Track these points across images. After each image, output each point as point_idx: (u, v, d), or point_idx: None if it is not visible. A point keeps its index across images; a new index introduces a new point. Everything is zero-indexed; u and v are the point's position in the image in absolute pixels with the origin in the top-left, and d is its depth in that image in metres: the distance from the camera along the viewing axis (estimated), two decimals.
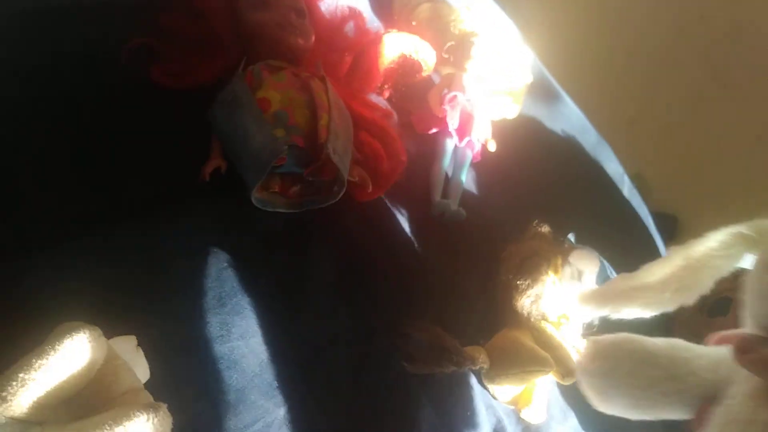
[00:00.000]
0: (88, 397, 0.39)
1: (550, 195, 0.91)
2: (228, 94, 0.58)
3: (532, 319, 0.72)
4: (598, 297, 0.57)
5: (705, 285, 0.50)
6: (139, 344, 0.45)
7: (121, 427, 0.36)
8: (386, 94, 0.78)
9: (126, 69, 0.55)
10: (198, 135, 0.58)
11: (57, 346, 0.38)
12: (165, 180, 0.55)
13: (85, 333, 0.39)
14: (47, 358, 0.37)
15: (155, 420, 0.38)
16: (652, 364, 0.52)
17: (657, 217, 1.21)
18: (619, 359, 0.54)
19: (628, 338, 0.56)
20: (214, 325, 0.52)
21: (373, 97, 0.75)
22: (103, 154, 0.54)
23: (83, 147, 0.54)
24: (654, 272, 0.53)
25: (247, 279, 0.56)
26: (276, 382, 0.54)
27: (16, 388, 0.35)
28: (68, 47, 0.57)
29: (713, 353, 0.52)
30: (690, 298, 0.50)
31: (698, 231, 0.51)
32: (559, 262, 0.74)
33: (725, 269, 0.49)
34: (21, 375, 0.36)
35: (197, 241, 0.54)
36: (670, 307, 0.51)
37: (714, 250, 0.49)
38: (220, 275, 0.54)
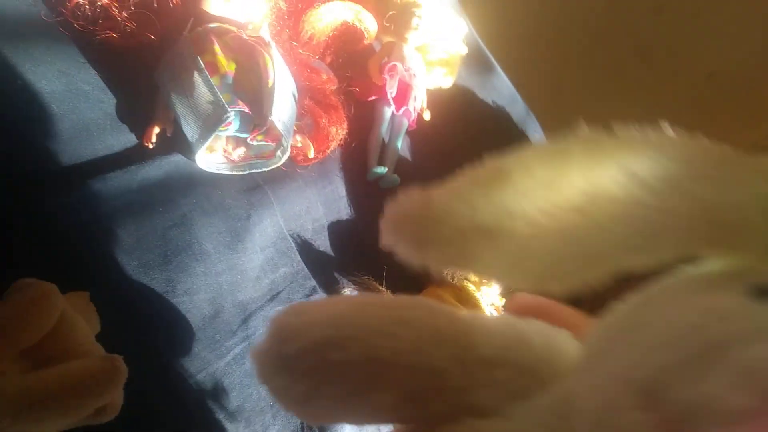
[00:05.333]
0: (46, 348, 0.41)
1: (479, 162, 0.96)
2: (175, 56, 0.59)
3: (455, 280, 0.78)
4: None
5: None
6: (90, 300, 0.47)
7: (78, 377, 0.39)
8: (328, 59, 0.80)
9: (72, 26, 0.55)
10: (144, 96, 0.59)
11: (15, 300, 0.40)
12: (111, 140, 0.56)
13: (41, 288, 0.41)
14: (5, 312, 0.39)
15: (111, 371, 0.41)
16: None
17: None
18: None
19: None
20: (159, 281, 0.55)
21: (316, 63, 0.77)
22: (47, 112, 0.54)
23: (25, 104, 0.54)
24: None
25: (192, 238, 0.58)
26: (218, 335, 0.58)
27: None
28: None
29: None
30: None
31: None
32: None
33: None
34: None
35: (143, 200, 0.56)
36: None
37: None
38: (166, 234, 0.56)
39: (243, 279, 0.61)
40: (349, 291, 0.70)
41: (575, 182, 0.34)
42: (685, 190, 0.31)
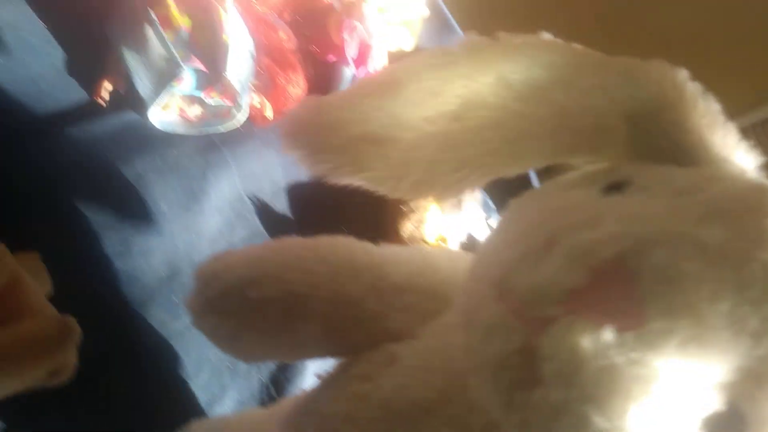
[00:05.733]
0: None
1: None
2: (126, 7, 0.57)
3: (414, 242, 0.79)
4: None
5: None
6: (41, 260, 0.46)
7: (31, 338, 0.38)
8: (286, 17, 0.78)
9: None
10: (94, 49, 0.56)
11: None
12: (61, 96, 0.54)
13: None
14: None
15: (64, 331, 0.40)
16: None
17: None
18: None
19: None
20: (114, 241, 0.54)
21: (274, 20, 0.75)
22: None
23: None
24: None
25: (148, 199, 0.57)
26: (174, 297, 0.57)
27: None
28: None
29: None
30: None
31: None
32: None
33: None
34: None
35: (98, 159, 0.54)
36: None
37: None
38: (121, 194, 0.55)
39: (199, 240, 0.60)
40: None
41: (457, 90, 0.34)
42: (547, 97, 0.33)
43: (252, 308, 0.39)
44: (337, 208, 0.77)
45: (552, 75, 0.33)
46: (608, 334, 0.21)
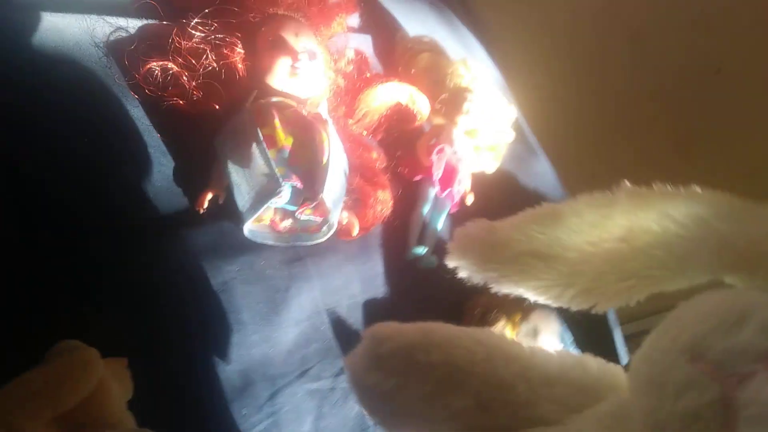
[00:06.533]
0: (78, 415, 0.41)
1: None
2: (236, 126, 0.61)
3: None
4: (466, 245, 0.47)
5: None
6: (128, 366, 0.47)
7: None
8: (379, 136, 0.81)
9: (142, 90, 0.57)
10: (202, 162, 0.60)
11: (57, 364, 0.40)
12: (165, 202, 0.57)
13: (84, 354, 0.41)
14: (46, 375, 0.39)
15: None
16: None
17: None
18: None
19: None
20: (196, 348, 0.55)
21: (368, 140, 0.78)
22: (112, 172, 0.56)
23: (92, 164, 0.55)
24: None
25: (231, 307, 0.58)
26: (245, 410, 0.57)
27: (13, 404, 0.37)
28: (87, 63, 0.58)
29: None
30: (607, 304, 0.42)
31: None
32: (518, 318, 0.79)
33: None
34: (19, 390, 0.38)
35: (189, 264, 0.56)
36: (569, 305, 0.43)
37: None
38: (206, 301, 0.56)
39: (275, 352, 0.61)
40: None
41: (619, 221, 0.40)
42: (710, 227, 0.38)
43: (415, 371, 0.41)
44: (411, 321, 0.77)
45: (715, 210, 0.38)
46: None
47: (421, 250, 0.79)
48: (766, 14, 1.08)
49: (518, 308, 0.80)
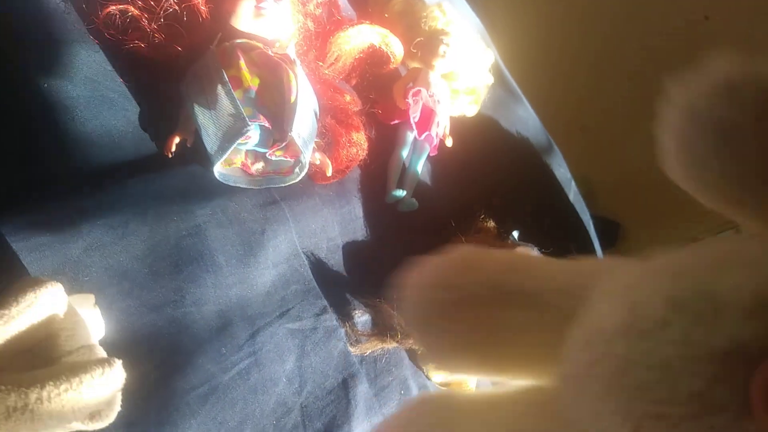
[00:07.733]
0: (46, 348, 0.41)
1: (499, 193, 0.95)
2: (201, 68, 0.60)
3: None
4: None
5: None
6: (96, 303, 0.47)
7: (76, 378, 0.38)
8: (353, 81, 0.80)
9: (102, 35, 0.56)
10: (168, 106, 0.59)
11: (20, 299, 0.40)
12: (131, 147, 0.57)
13: (47, 288, 0.41)
14: (9, 309, 0.39)
15: (109, 374, 0.40)
16: None
17: (601, 222, 1.27)
18: None
19: None
20: (168, 290, 0.55)
21: (340, 84, 0.77)
22: (70, 115, 0.55)
23: (50, 106, 0.54)
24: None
25: (205, 249, 0.58)
26: (224, 349, 0.57)
27: None
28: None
29: None
30: None
31: (640, 238, 0.53)
32: None
33: None
34: None
35: (159, 208, 0.56)
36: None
37: None
38: (179, 243, 0.56)
39: (253, 293, 0.61)
40: (360, 313, 0.69)
41: None
42: None
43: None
44: (393, 263, 0.77)
45: None
46: None
47: (401, 193, 0.79)
48: None
49: (500, 247, 0.80)
